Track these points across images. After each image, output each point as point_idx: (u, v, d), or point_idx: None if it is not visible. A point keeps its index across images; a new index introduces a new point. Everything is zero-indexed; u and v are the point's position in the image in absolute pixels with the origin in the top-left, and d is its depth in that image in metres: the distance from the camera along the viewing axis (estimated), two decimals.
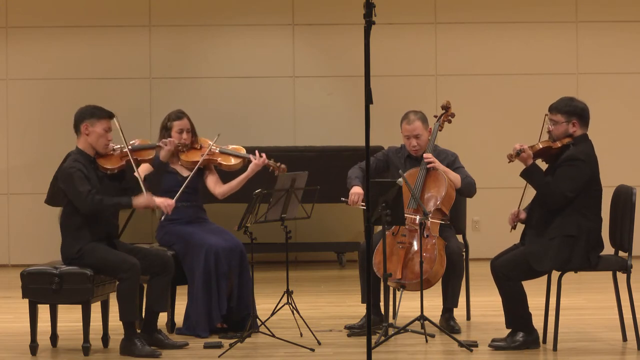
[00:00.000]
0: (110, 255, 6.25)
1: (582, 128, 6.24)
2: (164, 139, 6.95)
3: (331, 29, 10.93)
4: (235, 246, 6.77)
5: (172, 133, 6.98)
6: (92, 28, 10.87)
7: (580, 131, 6.23)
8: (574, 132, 6.22)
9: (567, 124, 6.22)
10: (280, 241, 6.73)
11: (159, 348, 6.32)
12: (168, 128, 7.01)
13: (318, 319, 7.30)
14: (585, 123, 6.25)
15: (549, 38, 10.94)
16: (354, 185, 6.87)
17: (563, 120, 6.22)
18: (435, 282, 6.65)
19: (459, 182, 6.85)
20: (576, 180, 6.08)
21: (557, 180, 6.12)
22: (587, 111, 6.27)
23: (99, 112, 6.40)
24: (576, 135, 6.21)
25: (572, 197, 6.08)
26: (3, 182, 10.86)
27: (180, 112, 7.06)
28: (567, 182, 6.08)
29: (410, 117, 6.96)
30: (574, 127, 6.22)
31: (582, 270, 6.16)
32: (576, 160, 6.10)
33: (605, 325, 6.92)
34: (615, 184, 6.53)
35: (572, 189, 6.08)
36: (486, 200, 10.24)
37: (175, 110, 7.08)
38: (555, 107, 6.27)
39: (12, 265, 10.81)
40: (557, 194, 6.09)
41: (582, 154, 6.13)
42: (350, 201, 6.81)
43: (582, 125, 6.24)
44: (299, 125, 10.91)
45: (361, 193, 6.81)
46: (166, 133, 7.01)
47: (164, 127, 7.04)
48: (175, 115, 7.03)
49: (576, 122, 6.22)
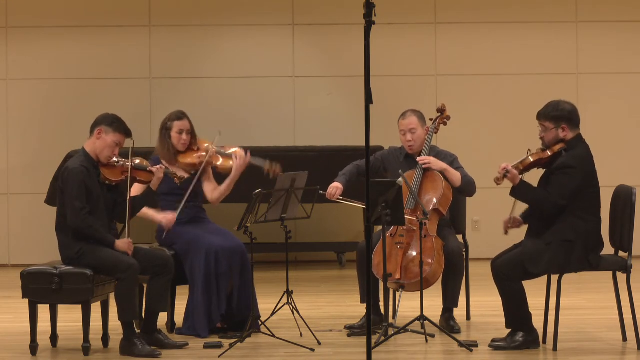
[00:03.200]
0: (108, 255, 6.25)
1: (573, 130, 6.20)
2: (164, 141, 6.94)
3: (331, 29, 10.94)
4: (236, 246, 6.77)
5: (172, 133, 6.98)
6: (92, 28, 10.87)
7: (571, 134, 6.20)
8: (565, 137, 6.19)
9: (556, 130, 6.20)
10: (280, 241, 6.73)
11: (159, 348, 6.32)
12: (168, 128, 7.00)
13: (318, 319, 7.30)
14: (575, 125, 6.21)
15: (549, 38, 10.95)
16: (335, 181, 6.92)
17: (552, 127, 6.19)
18: (434, 282, 6.65)
19: (459, 180, 6.85)
20: (567, 187, 6.06)
21: (550, 188, 6.11)
22: (574, 113, 6.22)
23: (118, 124, 6.38)
24: (568, 139, 6.19)
25: (564, 204, 6.06)
26: (3, 182, 10.87)
27: (181, 112, 7.05)
28: (559, 189, 6.07)
29: (407, 114, 7.00)
30: (564, 131, 6.19)
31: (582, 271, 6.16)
32: (568, 168, 6.07)
33: (605, 325, 6.92)
34: (615, 184, 6.53)
35: (563, 196, 6.06)
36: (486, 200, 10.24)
37: (176, 111, 7.07)
38: (543, 114, 6.23)
39: (12, 265, 10.81)
40: (550, 203, 6.08)
41: (574, 159, 6.09)
42: (328, 194, 6.86)
43: (572, 128, 6.20)
44: (299, 125, 10.91)
45: (339, 188, 6.87)
46: (166, 133, 7.00)
47: (163, 126, 7.03)
48: (176, 116, 7.02)
49: (565, 127, 6.18)
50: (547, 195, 6.10)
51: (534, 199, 6.17)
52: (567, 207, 6.07)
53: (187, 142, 6.99)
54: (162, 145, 7.00)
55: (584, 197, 6.11)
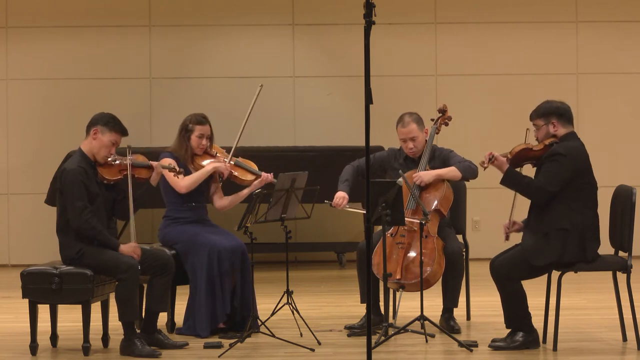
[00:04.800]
0: (109, 255, 6.25)
1: (564, 126, 6.22)
2: (182, 142, 6.92)
3: (331, 29, 10.94)
4: (237, 246, 6.77)
5: (192, 136, 6.94)
6: (92, 28, 10.87)
7: (563, 129, 6.21)
8: (556, 132, 6.21)
9: (547, 126, 6.22)
10: (280, 241, 6.73)
11: (159, 348, 6.32)
12: (189, 130, 6.96)
13: (318, 319, 7.30)
14: (566, 120, 6.22)
15: (549, 38, 10.94)
16: (339, 189, 6.89)
17: (542, 123, 6.23)
18: (434, 282, 6.65)
19: (457, 172, 6.82)
20: (556, 174, 6.07)
21: (539, 176, 6.14)
22: (565, 109, 6.24)
23: (114, 123, 6.37)
24: (560, 135, 6.21)
25: (555, 191, 6.07)
26: (3, 182, 10.86)
27: (203, 116, 6.98)
28: (547, 176, 6.09)
29: (405, 120, 6.94)
30: (555, 127, 6.21)
31: (579, 263, 6.13)
32: (556, 155, 6.10)
33: (605, 325, 6.92)
34: (615, 184, 6.53)
35: (552, 183, 6.07)
36: (486, 200, 10.26)
37: (199, 114, 6.99)
38: (534, 113, 6.30)
39: (12, 265, 10.81)
40: (539, 189, 6.09)
41: (563, 148, 6.11)
42: (334, 203, 6.84)
43: (563, 124, 6.22)
44: (299, 125, 10.91)
45: (345, 197, 6.84)
46: (186, 134, 6.96)
47: (184, 127, 6.96)
48: (198, 120, 6.95)
49: (555, 122, 6.20)
50: (536, 182, 6.12)
51: (523, 186, 6.17)
52: (561, 198, 6.07)
53: (205, 147, 6.98)
54: (180, 146, 6.95)
55: (578, 190, 6.11)
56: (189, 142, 6.95)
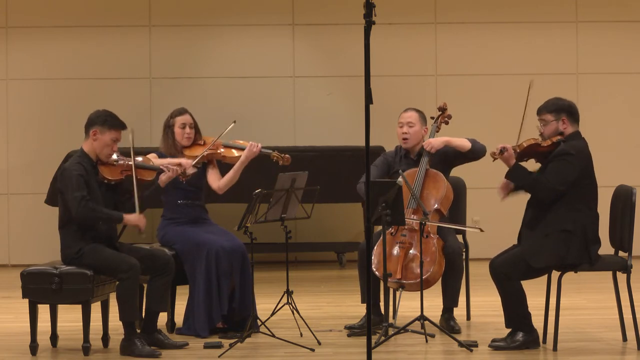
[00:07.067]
0: (109, 255, 6.25)
1: (572, 125, 6.23)
2: (167, 139, 6.94)
3: (331, 29, 10.94)
4: (236, 247, 6.77)
5: (175, 129, 6.97)
6: (92, 28, 10.88)
7: (571, 128, 6.22)
8: (565, 129, 6.21)
9: (556, 122, 6.22)
10: (280, 241, 6.73)
11: (159, 348, 6.32)
12: (170, 125, 7.00)
13: (318, 319, 7.30)
14: (575, 119, 6.24)
15: (549, 38, 10.95)
16: None
17: (552, 119, 6.23)
18: (434, 282, 6.65)
19: (467, 142, 6.87)
20: (566, 173, 6.08)
21: (547, 174, 6.13)
22: (575, 108, 6.27)
23: (112, 121, 6.35)
24: (568, 133, 6.21)
25: (562, 190, 6.07)
26: (3, 182, 10.87)
27: (182, 108, 7.06)
28: (557, 175, 6.08)
29: (409, 109, 7.04)
30: (564, 124, 6.21)
31: (581, 264, 6.14)
32: (566, 155, 6.10)
33: (605, 325, 6.92)
34: (615, 184, 6.53)
35: (561, 182, 6.07)
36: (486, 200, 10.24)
37: (177, 108, 7.07)
38: (544, 107, 6.28)
39: (12, 265, 10.81)
40: (547, 187, 6.09)
41: (573, 148, 6.12)
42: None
43: (572, 122, 6.23)
44: (299, 125, 10.92)
45: None
46: (169, 130, 6.99)
47: (166, 124, 7.02)
48: (177, 111, 7.03)
49: (565, 119, 6.21)
50: (544, 180, 6.11)
51: (530, 181, 6.16)
52: (565, 198, 6.08)
53: (191, 135, 6.98)
54: (165, 143, 6.98)
55: (581, 189, 6.11)
56: (174, 137, 6.96)
